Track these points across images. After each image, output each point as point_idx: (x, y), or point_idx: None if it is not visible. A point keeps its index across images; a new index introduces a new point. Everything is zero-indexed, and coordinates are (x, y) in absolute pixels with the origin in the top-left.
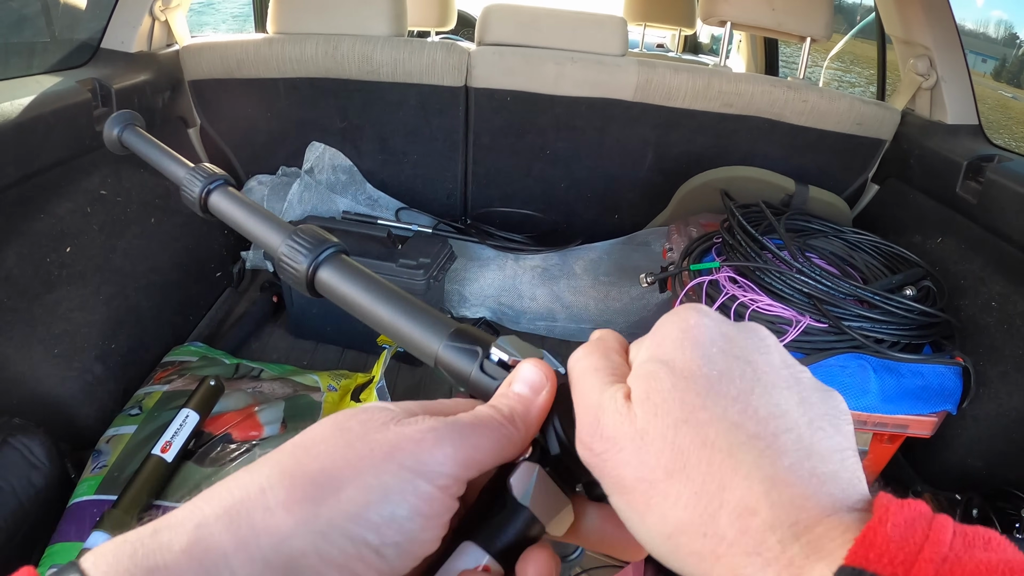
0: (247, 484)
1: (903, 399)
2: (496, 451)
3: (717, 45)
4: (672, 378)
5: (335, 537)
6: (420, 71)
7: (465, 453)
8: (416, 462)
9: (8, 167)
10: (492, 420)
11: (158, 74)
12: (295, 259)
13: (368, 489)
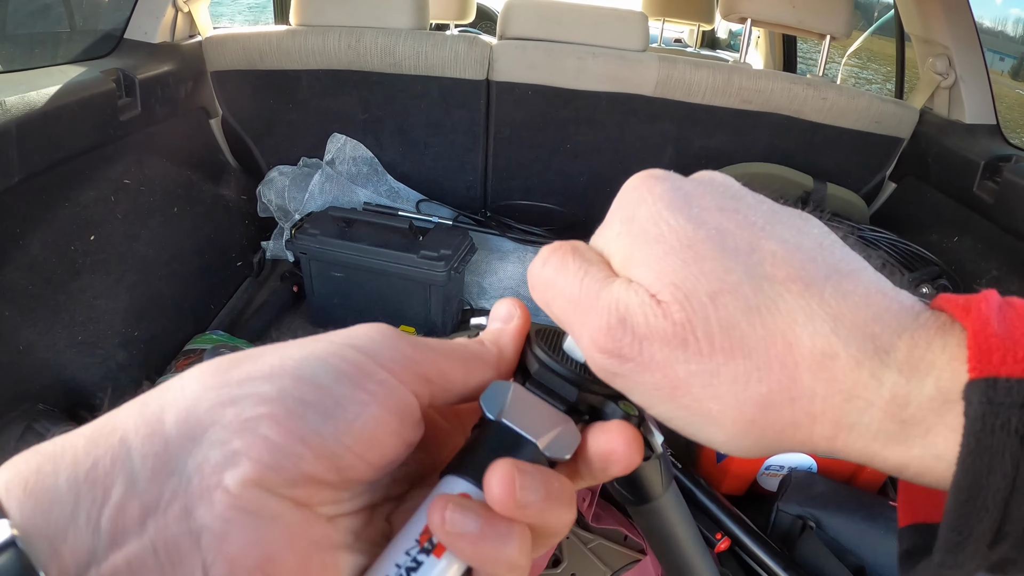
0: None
1: None
2: (463, 368)
3: (735, 41)
4: (678, 254)
5: (241, 398)
6: (442, 64)
7: (423, 356)
8: (352, 334)
9: (34, 155)
10: (459, 341)
11: (181, 65)
12: None
13: (287, 357)
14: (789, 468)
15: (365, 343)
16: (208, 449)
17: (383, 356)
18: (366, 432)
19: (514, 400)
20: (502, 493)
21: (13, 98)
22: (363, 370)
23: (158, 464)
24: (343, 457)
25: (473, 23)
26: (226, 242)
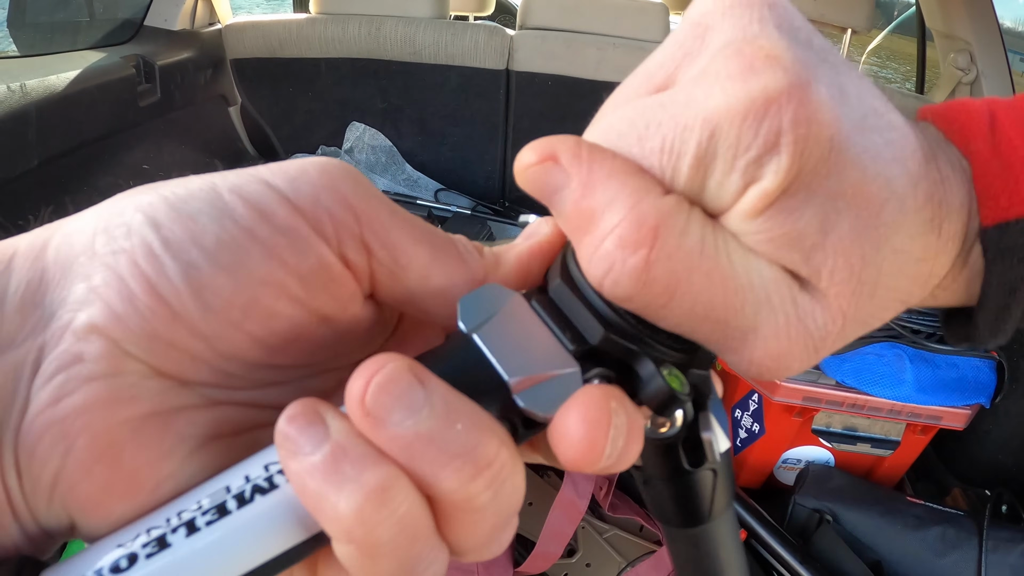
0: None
1: (938, 390)
2: (427, 253)
3: None
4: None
5: (116, 226)
6: (462, 53)
7: (371, 214)
8: (275, 169)
9: (53, 139)
10: (443, 231)
11: (200, 52)
12: None
13: (191, 184)
14: (806, 462)
15: (288, 179)
16: (73, 281)
17: (303, 198)
18: (243, 292)
19: (507, 315)
20: (355, 391)
21: (33, 81)
22: (263, 212)
23: (28, 293)
24: (209, 322)
25: (492, 16)
26: None
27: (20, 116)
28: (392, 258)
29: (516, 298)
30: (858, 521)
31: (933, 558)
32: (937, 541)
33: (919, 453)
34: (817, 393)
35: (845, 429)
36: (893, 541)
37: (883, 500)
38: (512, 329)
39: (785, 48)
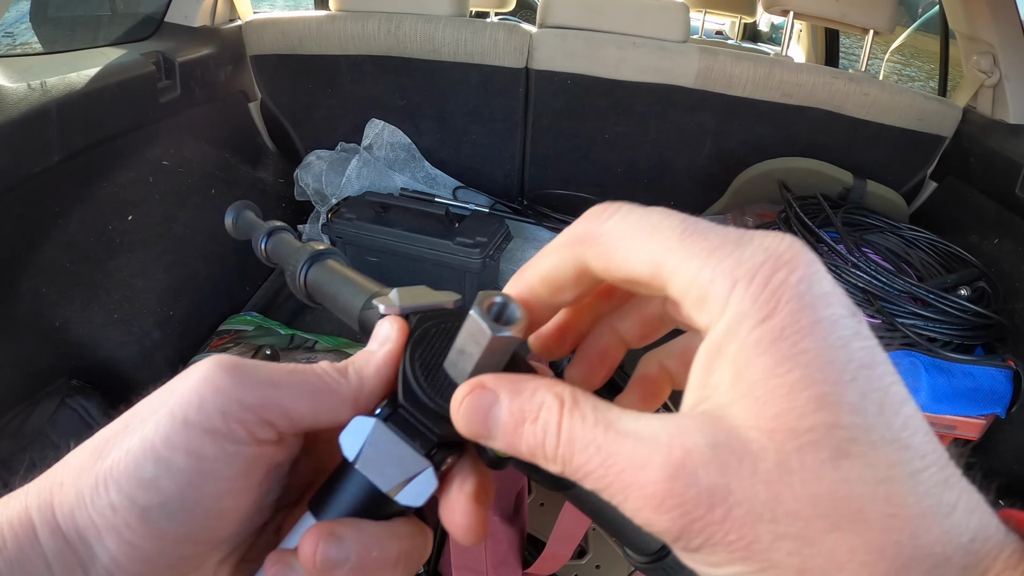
0: (64, 459)
1: (953, 399)
2: (311, 404)
3: (776, 34)
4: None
5: (105, 498)
6: (482, 51)
7: (258, 396)
8: (184, 404)
9: (75, 135)
10: (313, 368)
11: (220, 48)
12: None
13: (142, 441)
14: None
15: (187, 404)
16: (97, 548)
17: (212, 420)
18: (213, 511)
19: (372, 441)
20: (306, 559)
21: (54, 79)
22: (191, 451)
23: (69, 562)
24: (201, 532)
25: (514, 12)
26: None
27: (41, 113)
28: (288, 422)
29: (377, 424)
30: None
31: None
32: None
33: None
34: None
35: None
36: None
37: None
38: (380, 451)
39: None
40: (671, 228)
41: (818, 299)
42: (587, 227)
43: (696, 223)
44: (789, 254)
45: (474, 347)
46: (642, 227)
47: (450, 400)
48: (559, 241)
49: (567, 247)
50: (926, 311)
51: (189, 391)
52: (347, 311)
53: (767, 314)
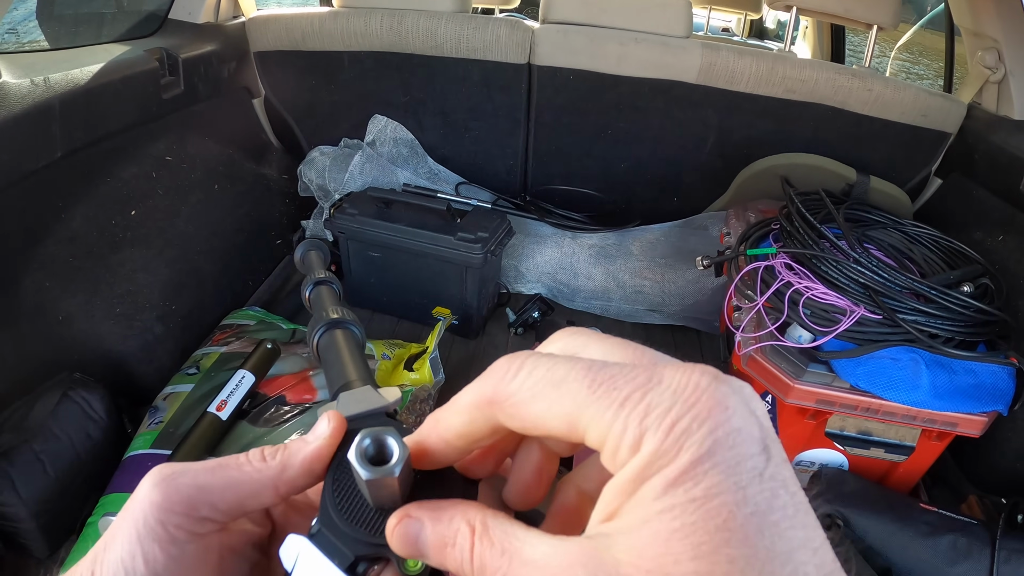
0: (83, 560)
1: (954, 396)
2: (234, 491)
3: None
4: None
5: None
6: (484, 47)
7: (185, 499)
8: (134, 520)
9: (77, 131)
10: (238, 459)
11: (224, 45)
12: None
13: (117, 556)
14: (820, 464)
15: (140, 522)
16: None
17: (155, 531)
18: None
19: (302, 558)
20: None
21: (57, 75)
22: (150, 559)
23: None
24: None
25: (519, 8)
26: (266, 220)
27: (43, 109)
28: (219, 511)
29: (305, 543)
30: (870, 527)
31: (944, 567)
32: (949, 550)
33: (935, 459)
34: (831, 396)
35: (859, 433)
36: (904, 548)
37: (896, 506)
38: (309, 565)
39: None
40: (578, 381)
41: (720, 442)
42: (495, 388)
43: (602, 370)
44: (696, 397)
45: (361, 484)
46: (550, 383)
47: (363, 523)
48: (468, 400)
49: (477, 408)
50: (928, 307)
51: (136, 509)
52: (329, 387)
53: (668, 461)
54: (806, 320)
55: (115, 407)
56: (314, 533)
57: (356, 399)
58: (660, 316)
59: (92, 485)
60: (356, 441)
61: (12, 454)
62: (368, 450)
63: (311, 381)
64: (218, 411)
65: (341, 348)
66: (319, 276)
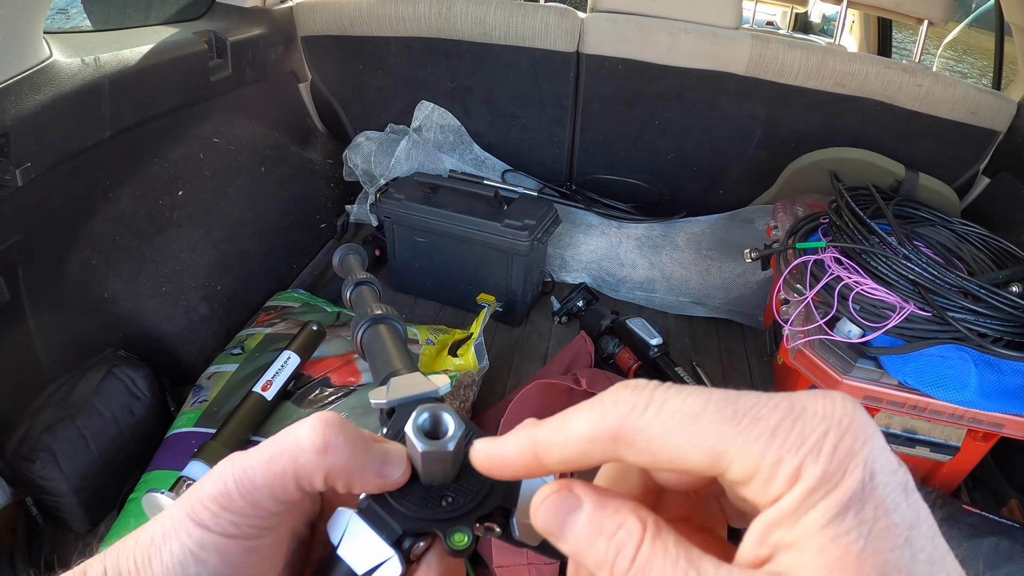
0: (126, 544)
1: (1002, 397)
2: (267, 487)
3: (827, 25)
4: None
5: None
6: (532, 35)
7: (228, 488)
8: (188, 506)
9: (127, 112)
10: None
11: (271, 29)
12: None
13: (182, 547)
14: None
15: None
16: None
17: (226, 528)
18: None
19: (349, 531)
20: None
21: (107, 55)
22: (223, 552)
23: None
24: None
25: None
26: (311, 204)
27: (93, 88)
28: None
29: (353, 516)
30: None
31: (985, 569)
32: (991, 552)
33: (979, 460)
34: (879, 392)
35: (905, 431)
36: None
37: (938, 507)
38: (355, 539)
39: None
40: (719, 412)
41: (880, 463)
42: (622, 422)
43: (741, 400)
44: (847, 421)
45: (415, 457)
46: (686, 417)
47: (412, 499)
48: (584, 431)
49: (596, 442)
50: (977, 306)
51: (201, 508)
52: (375, 378)
53: (834, 485)
54: (855, 315)
55: (159, 385)
56: (363, 508)
57: (406, 384)
58: (704, 308)
59: (134, 462)
60: (413, 416)
61: (55, 429)
62: (424, 425)
63: (355, 364)
64: (263, 391)
65: (386, 340)
66: (360, 277)
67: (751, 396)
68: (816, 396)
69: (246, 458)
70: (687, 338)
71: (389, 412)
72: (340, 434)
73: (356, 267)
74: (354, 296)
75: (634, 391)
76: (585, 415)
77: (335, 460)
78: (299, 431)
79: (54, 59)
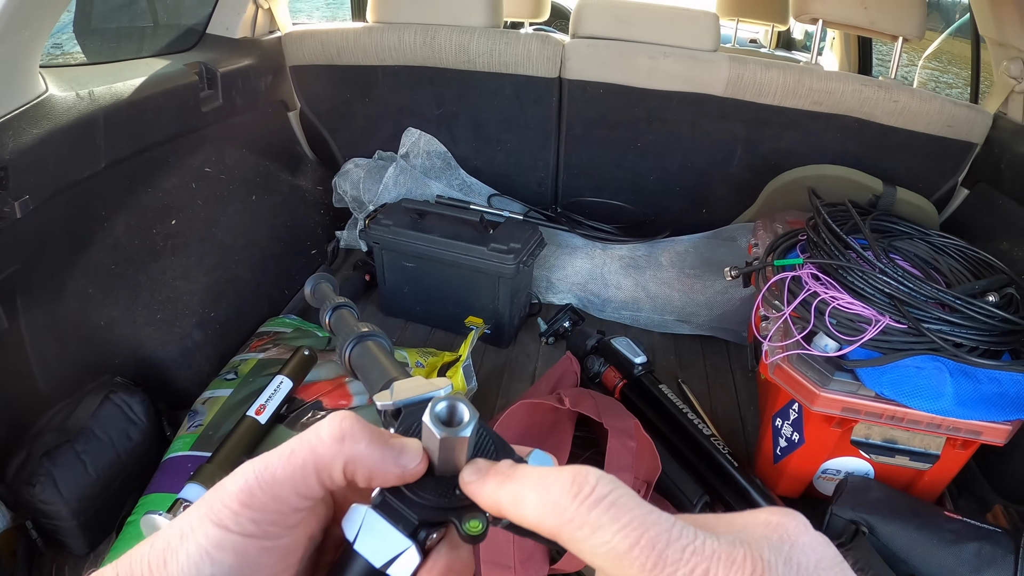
0: (139, 550)
1: (979, 405)
2: (289, 481)
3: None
4: None
5: None
6: (515, 61)
7: (249, 484)
8: (208, 507)
9: (121, 142)
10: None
11: (261, 59)
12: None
13: (198, 547)
14: (846, 472)
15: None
16: None
17: (246, 528)
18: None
19: (365, 524)
20: None
21: (101, 88)
22: (240, 551)
23: None
24: None
25: (548, 21)
26: (302, 230)
27: (88, 121)
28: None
29: (369, 511)
30: (894, 534)
31: (968, 574)
32: (973, 557)
33: (960, 468)
34: (856, 404)
35: (884, 441)
36: (928, 556)
37: (920, 514)
38: (372, 533)
39: None
40: (639, 560)
41: None
42: (558, 529)
43: (665, 551)
44: None
45: (432, 446)
46: (612, 553)
47: (426, 490)
48: (533, 520)
49: (542, 530)
50: (953, 317)
51: (222, 507)
52: (370, 391)
53: None
54: (832, 329)
55: (155, 410)
56: (378, 502)
57: (410, 386)
58: (689, 326)
59: (132, 485)
60: (431, 406)
61: (55, 453)
62: (442, 414)
63: (347, 387)
64: (257, 415)
65: (376, 354)
66: (337, 301)
67: (680, 543)
68: (735, 553)
69: (267, 456)
70: (672, 355)
71: (394, 414)
72: (356, 424)
73: (330, 293)
74: (334, 320)
75: (573, 502)
76: (536, 503)
77: (353, 449)
78: (317, 426)
79: (50, 93)
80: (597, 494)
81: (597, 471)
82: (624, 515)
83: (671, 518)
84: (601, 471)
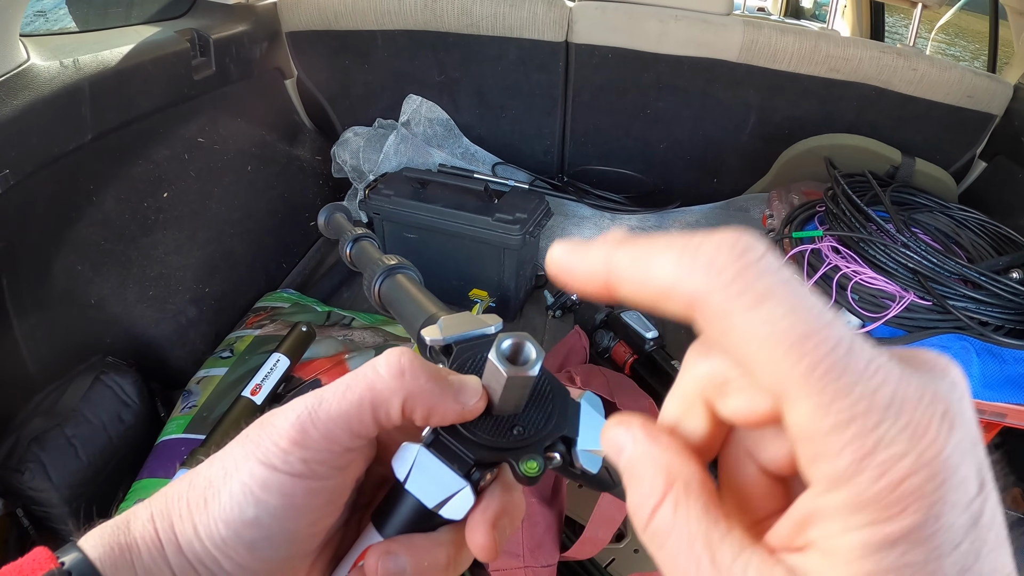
0: (176, 488)
1: (1004, 386)
2: (343, 417)
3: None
4: None
5: (217, 534)
6: (520, 25)
7: (302, 421)
8: (254, 445)
9: (109, 113)
10: (350, 384)
11: (256, 25)
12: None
13: (243, 486)
14: None
15: (279, 457)
16: (215, 569)
17: (295, 467)
18: (307, 534)
19: (417, 464)
20: (370, 573)
21: (86, 57)
22: (287, 492)
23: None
24: (299, 549)
25: None
26: (299, 202)
27: (73, 91)
28: (332, 437)
29: (421, 450)
30: None
31: None
32: None
33: None
34: None
35: None
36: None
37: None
38: (424, 472)
39: None
40: (785, 347)
41: (949, 503)
42: (705, 296)
43: (816, 340)
44: (934, 451)
45: (496, 384)
46: (778, 334)
47: (482, 428)
48: (664, 285)
49: (671, 302)
50: (978, 294)
51: (270, 445)
52: (408, 327)
53: (889, 517)
54: (855, 305)
55: (148, 391)
56: (430, 441)
57: (459, 322)
58: None
59: (125, 470)
60: (497, 342)
61: (44, 439)
62: (507, 351)
63: (346, 364)
64: (252, 395)
65: (410, 289)
66: (356, 232)
67: (864, 355)
68: (925, 391)
69: (320, 392)
70: (683, 329)
71: (444, 350)
72: (416, 359)
73: (346, 224)
74: (355, 253)
75: (738, 262)
76: (671, 264)
77: (413, 385)
78: (374, 361)
79: (31, 63)
80: (767, 263)
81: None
82: (797, 294)
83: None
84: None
